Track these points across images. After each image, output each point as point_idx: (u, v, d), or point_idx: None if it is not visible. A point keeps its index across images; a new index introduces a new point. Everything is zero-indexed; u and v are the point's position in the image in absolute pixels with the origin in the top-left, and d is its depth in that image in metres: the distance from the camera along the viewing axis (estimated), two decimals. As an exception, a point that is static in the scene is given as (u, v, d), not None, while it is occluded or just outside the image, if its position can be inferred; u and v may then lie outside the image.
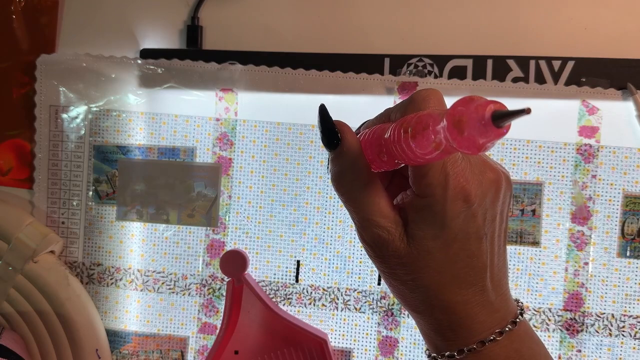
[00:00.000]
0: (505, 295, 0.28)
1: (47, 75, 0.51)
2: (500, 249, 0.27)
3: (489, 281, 0.27)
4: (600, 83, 0.48)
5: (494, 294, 0.27)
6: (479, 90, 0.49)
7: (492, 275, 0.27)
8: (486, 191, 0.26)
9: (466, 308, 0.27)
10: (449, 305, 0.27)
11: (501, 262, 0.28)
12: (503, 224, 0.28)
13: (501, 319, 0.27)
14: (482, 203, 0.26)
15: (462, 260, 0.26)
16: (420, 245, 0.26)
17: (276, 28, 0.52)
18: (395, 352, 0.50)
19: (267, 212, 0.51)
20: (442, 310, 0.27)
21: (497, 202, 0.26)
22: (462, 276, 0.26)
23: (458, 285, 0.27)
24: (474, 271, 0.26)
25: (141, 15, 0.52)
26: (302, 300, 0.51)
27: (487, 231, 0.26)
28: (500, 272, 0.27)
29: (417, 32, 0.51)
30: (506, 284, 0.28)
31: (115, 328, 0.52)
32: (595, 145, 0.49)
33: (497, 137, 0.19)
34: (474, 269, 0.26)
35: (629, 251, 0.49)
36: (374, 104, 0.50)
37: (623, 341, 0.49)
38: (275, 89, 0.50)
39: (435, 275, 0.27)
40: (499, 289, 0.27)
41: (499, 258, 0.27)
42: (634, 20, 0.49)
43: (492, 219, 0.26)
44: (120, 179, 0.52)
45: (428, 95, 0.26)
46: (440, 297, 0.27)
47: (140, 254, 0.52)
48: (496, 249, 0.27)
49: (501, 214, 0.27)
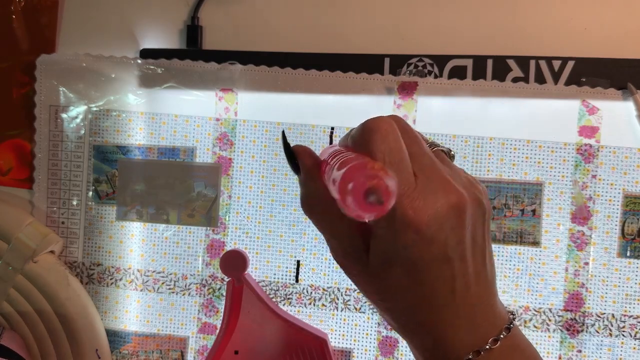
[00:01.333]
0: (486, 312, 0.27)
1: (47, 75, 0.51)
2: (478, 268, 0.27)
3: (460, 301, 0.26)
4: (600, 83, 0.48)
5: (470, 313, 0.26)
6: (479, 90, 0.49)
7: (466, 295, 0.26)
8: (444, 217, 0.25)
9: (437, 329, 0.26)
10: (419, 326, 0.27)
11: (481, 280, 0.27)
12: (477, 244, 0.27)
13: (479, 337, 0.26)
14: (441, 229, 0.25)
15: (425, 284, 0.26)
16: (379, 270, 0.26)
17: (276, 28, 0.52)
18: (395, 352, 0.50)
19: (267, 212, 0.51)
20: (414, 330, 0.27)
21: (462, 225, 0.26)
22: (430, 299, 0.26)
23: (425, 307, 0.26)
24: (439, 293, 0.26)
25: (141, 15, 0.52)
26: (302, 300, 0.51)
27: (453, 255, 0.25)
28: (480, 289, 0.27)
29: (417, 32, 0.51)
30: (488, 300, 0.27)
31: (115, 328, 0.52)
32: (595, 145, 0.49)
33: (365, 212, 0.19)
34: (440, 291, 0.26)
35: (629, 251, 0.49)
36: (374, 104, 0.50)
37: (623, 341, 0.49)
38: (275, 89, 0.50)
39: (401, 298, 0.26)
40: (477, 307, 0.27)
41: (477, 276, 0.27)
42: (634, 20, 0.49)
43: (458, 241, 0.26)
44: (120, 179, 0.52)
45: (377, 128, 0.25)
46: (409, 318, 0.27)
47: (140, 254, 0.52)
48: (471, 269, 0.26)
49: (473, 235, 0.26)
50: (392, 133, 0.26)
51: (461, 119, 0.49)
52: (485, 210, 0.27)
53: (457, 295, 0.26)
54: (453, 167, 0.28)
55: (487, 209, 0.27)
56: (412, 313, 0.27)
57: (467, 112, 0.49)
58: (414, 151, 0.26)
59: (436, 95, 0.49)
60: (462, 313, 0.26)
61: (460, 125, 0.49)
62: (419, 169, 0.26)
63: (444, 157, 0.29)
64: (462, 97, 0.49)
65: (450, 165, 0.28)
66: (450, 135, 0.50)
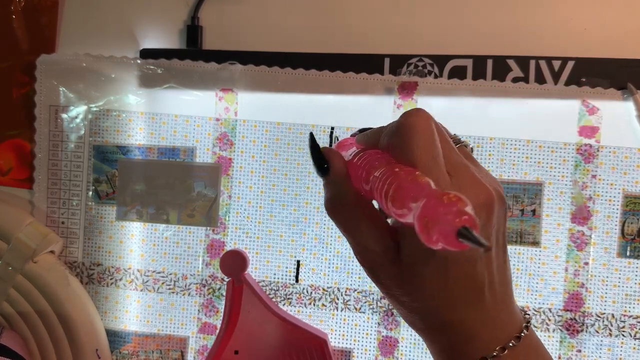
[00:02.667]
0: (508, 310, 0.27)
1: (47, 75, 0.51)
2: (500, 266, 0.27)
3: (489, 299, 0.27)
4: (600, 83, 0.48)
5: (495, 310, 0.27)
6: (479, 90, 0.49)
7: (492, 293, 0.27)
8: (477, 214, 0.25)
9: (465, 327, 0.27)
10: (448, 325, 0.27)
11: (502, 278, 0.27)
12: (500, 241, 0.27)
13: (504, 334, 0.27)
14: None
15: (457, 282, 0.26)
16: (412, 269, 0.26)
17: (276, 28, 0.52)
18: (395, 352, 0.50)
19: (267, 212, 0.51)
20: (441, 330, 0.27)
21: (490, 222, 0.26)
22: (458, 297, 0.26)
23: (455, 306, 0.27)
24: (470, 292, 0.26)
25: (141, 15, 0.52)
26: (302, 300, 0.51)
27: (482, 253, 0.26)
28: (501, 287, 0.27)
29: (417, 32, 0.51)
30: (509, 298, 0.28)
31: (115, 328, 0.52)
32: (595, 145, 0.49)
33: (456, 248, 0.19)
34: (471, 290, 0.26)
35: (629, 251, 0.49)
36: (374, 104, 0.50)
37: (623, 341, 0.49)
38: (275, 89, 0.50)
39: (430, 297, 0.27)
40: (501, 305, 0.27)
41: (499, 275, 0.27)
42: (634, 20, 0.49)
43: (487, 238, 0.26)
44: (120, 179, 0.52)
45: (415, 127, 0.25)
46: (438, 318, 0.27)
47: (140, 254, 0.52)
48: (494, 267, 0.27)
49: (497, 232, 0.27)
50: (430, 133, 0.26)
51: (461, 119, 0.49)
52: (506, 207, 0.27)
53: (485, 293, 0.26)
54: (477, 164, 0.28)
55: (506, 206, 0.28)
56: (441, 312, 0.27)
57: (467, 112, 0.49)
58: (445, 149, 0.26)
59: (436, 95, 0.49)
60: (488, 311, 0.27)
61: (460, 125, 0.49)
62: (451, 168, 0.26)
63: (468, 153, 0.29)
64: (462, 97, 0.49)
65: (474, 162, 0.28)
66: (450, 135, 0.50)
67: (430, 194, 0.21)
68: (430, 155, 0.25)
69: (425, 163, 0.25)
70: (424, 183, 0.22)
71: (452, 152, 0.27)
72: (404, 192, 0.22)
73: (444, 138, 0.27)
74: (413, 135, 0.25)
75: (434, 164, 0.25)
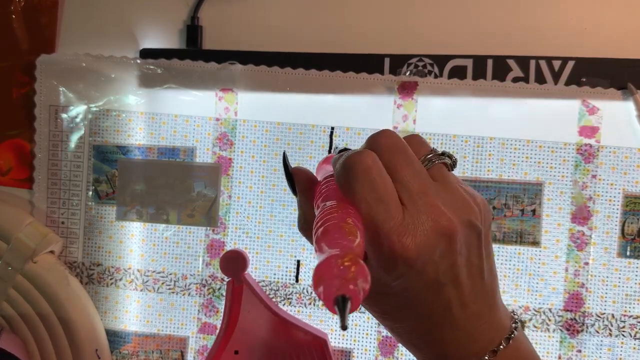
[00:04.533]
0: (487, 325, 0.27)
1: (47, 75, 0.51)
2: (475, 287, 0.27)
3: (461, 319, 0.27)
4: (601, 83, 0.48)
5: (471, 327, 0.27)
6: (479, 90, 0.49)
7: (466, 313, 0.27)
8: (433, 246, 0.25)
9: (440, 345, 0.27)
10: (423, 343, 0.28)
11: (479, 297, 0.27)
12: (473, 265, 0.27)
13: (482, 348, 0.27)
14: (431, 259, 0.25)
15: (424, 307, 0.26)
16: (377, 298, 0.27)
17: (276, 28, 0.52)
18: (395, 352, 0.50)
19: (267, 212, 0.51)
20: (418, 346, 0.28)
21: (453, 251, 0.25)
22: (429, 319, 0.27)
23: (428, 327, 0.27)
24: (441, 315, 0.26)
25: (141, 15, 0.52)
26: (302, 300, 0.51)
27: (445, 280, 0.26)
28: (478, 305, 0.27)
29: (417, 32, 0.51)
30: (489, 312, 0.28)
31: (115, 328, 0.52)
32: (595, 145, 0.49)
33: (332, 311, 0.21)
34: (441, 313, 0.26)
35: (629, 251, 0.49)
36: (374, 104, 0.50)
37: (623, 341, 0.49)
38: (275, 89, 0.50)
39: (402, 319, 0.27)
40: (478, 321, 0.27)
41: (474, 295, 0.27)
42: (634, 20, 0.49)
43: (450, 266, 0.26)
44: (120, 179, 0.52)
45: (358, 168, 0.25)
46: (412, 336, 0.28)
47: (140, 254, 0.52)
48: (467, 289, 0.26)
49: (468, 257, 0.26)
50: (373, 168, 0.25)
51: (461, 119, 0.49)
52: (479, 230, 0.27)
53: (455, 315, 0.26)
54: (448, 185, 0.27)
55: (481, 228, 0.27)
56: (414, 332, 0.28)
57: (467, 112, 0.49)
58: (403, 177, 0.26)
59: (436, 95, 0.49)
60: (461, 330, 0.27)
61: (460, 125, 0.49)
62: (407, 197, 0.25)
63: (442, 174, 0.28)
64: (462, 97, 0.49)
65: (445, 183, 0.27)
66: (450, 135, 0.50)
67: (330, 255, 0.21)
68: (373, 198, 0.25)
69: (368, 205, 0.25)
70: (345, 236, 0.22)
71: (413, 178, 0.26)
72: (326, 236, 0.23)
73: (404, 162, 0.26)
74: (356, 177, 0.25)
75: (376, 205, 0.25)
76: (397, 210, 0.25)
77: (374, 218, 0.24)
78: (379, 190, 0.25)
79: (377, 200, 0.25)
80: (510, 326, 0.28)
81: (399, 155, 0.26)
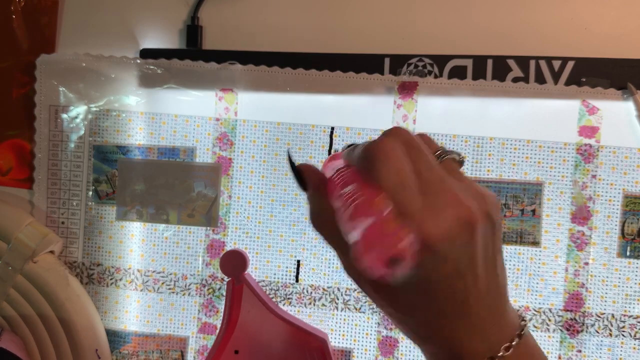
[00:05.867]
0: (500, 320, 0.27)
1: (47, 75, 0.51)
2: (489, 280, 0.27)
3: (477, 312, 0.27)
4: (601, 83, 0.48)
5: (485, 322, 0.27)
6: (479, 90, 0.49)
7: (481, 306, 0.27)
8: (456, 235, 0.25)
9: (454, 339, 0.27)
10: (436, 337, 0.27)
11: (493, 290, 0.27)
12: (489, 258, 0.27)
13: (496, 343, 0.27)
14: (453, 246, 0.25)
15: (441, 299, 0.26)
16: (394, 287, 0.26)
17: (276, 28, 0.52)
18: (395, 352, 0.50)
19: (267, 212, 0.51)
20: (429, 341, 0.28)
21: (473, 241, 0.26)
22: (445, 312, 0.26)
23: (442, 320, 0.27)
24: (457, 307, 0.26)
25: (141, 15, 0.52)
26: (302, 300, 0.51)
27: (466, 271, 0.26)
28: (492, 299, 0.27)
29: (417, 32, 0.51)
30: (501, 307, 0.28)
31: (115, 328, 0.52)
32: (595, 145, 0.49)
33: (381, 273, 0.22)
34: (458, 305, 0.26)
35: (629, 251, 0.49)
36: (374, 104, 0.50)
37: (623, 341, 0.49)
38: (275, 89, 0.50)
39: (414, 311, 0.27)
40: (491, 316, 0.27)
41: (488, 288, 0.27)
42: (634, 20, 0.49)
43: (471, 257, 0.26)
44: (120, 179, 0.52)
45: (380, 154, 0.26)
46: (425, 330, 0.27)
47: (140, 254, 0.52)
48: (483, 282, 0.26)
49: (484, 249, 0.26)
50: (394, 156, 0.26)
51: (461, 119, 0.49)
52: (494, 223, 0.27)
53: (471, 308, 0.26)
54: (463, 179, 0.28)
55: (496, 221, 0.27)
56: (427, 325, 0.27)
57: (467, 112, 0.49)
58: (420, 168, 0.26)
59: (436, 95, 0.49)
60: (475, 324, 0.27)
61: (460, 125, 0.49)
62: (426, 186, 0.26)
63: (453, 168, 0.28)
64: (462, 97, 0.49)
65: (459, 177, 0.28)
66: (450, 135, 0.50)
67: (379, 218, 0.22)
68: (396, 181, 0.25)
69: (392, 189, 0.25)
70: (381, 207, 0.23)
71: (430, 170, 0.26)
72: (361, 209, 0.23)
73: (420, 156, 0.27)
74: (377, 162, 0.26)
75: (401, 189, 0.25)
76: (415, 199, 0.25)
77: (398, 202, 0.25)
78: (402, 174, 0.25)
79: (400, 185, 0.25)
80: (520, 323, 0.28)
81: (413, 149, 0.27)
